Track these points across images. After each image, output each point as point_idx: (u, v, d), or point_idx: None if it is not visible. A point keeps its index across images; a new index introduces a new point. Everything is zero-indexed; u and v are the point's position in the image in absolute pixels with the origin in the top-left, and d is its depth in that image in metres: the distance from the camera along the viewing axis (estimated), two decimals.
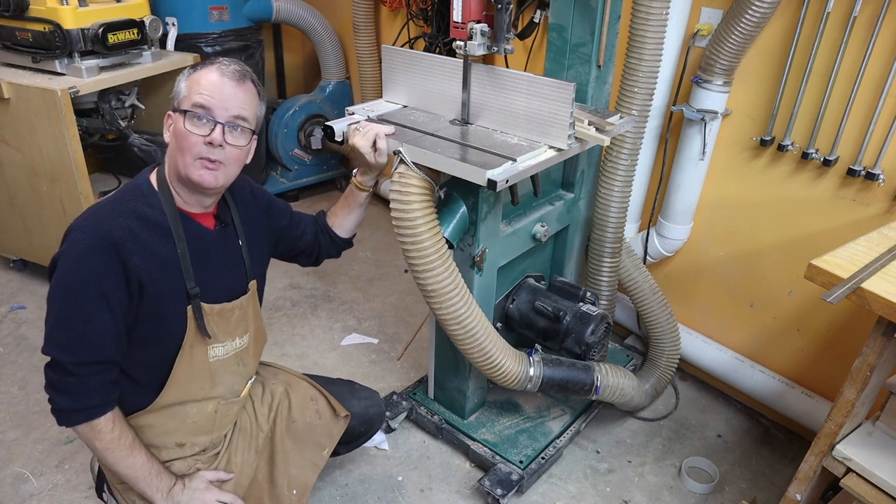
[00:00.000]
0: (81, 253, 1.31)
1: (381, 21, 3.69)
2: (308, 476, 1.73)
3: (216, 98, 1.36)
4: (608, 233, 2.18)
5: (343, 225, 1.84)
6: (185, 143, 1.35)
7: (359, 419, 1.87)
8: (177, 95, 1.40)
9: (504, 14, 1.64)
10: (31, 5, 2.57)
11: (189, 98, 1.37)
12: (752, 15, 1.93)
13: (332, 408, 1.82)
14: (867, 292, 1.36)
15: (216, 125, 1.36)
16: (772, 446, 2.39)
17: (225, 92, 1.37)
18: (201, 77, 1.38)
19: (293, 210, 1.80)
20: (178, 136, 1.37)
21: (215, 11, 3.27)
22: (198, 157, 1.36)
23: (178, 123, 1.37)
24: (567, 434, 2.24)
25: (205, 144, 1.35)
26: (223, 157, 1.38)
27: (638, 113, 1.97)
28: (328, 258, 1.89)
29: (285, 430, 1.74)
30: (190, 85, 1.38)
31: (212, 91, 1.36)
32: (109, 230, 1.32)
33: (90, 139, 3.04)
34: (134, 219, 1.36)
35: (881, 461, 1.52)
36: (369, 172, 1.77)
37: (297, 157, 3.95)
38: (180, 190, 1.43)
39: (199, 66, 1.42)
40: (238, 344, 1.58)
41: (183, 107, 1.37)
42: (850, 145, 1.99)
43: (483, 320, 1.84)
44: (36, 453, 2.20)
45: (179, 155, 1.37)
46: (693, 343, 2.55)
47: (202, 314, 1.45)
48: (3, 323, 2.82)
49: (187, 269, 1.41)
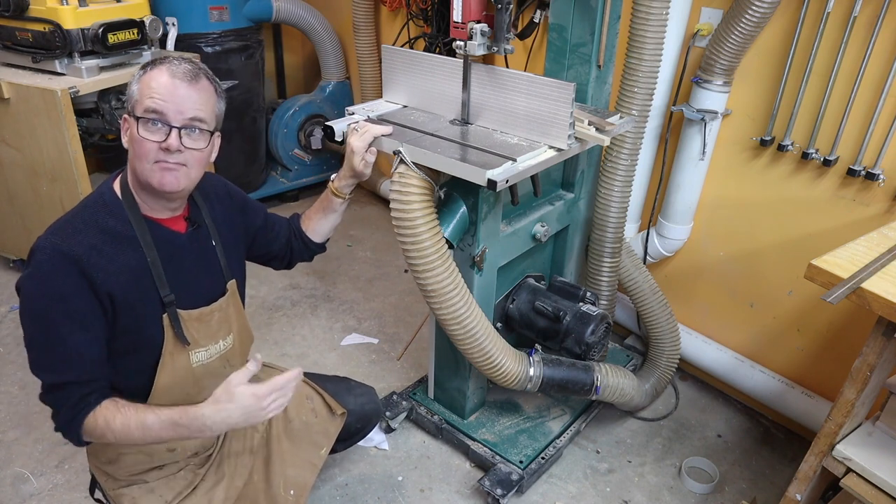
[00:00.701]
0: (46, 275, 1.27)
1: (381, 21, 3.69)
2: (306, 476, 1.72)
3: (169, 101, 1.29)
4: (608, 233, 2.18)
5: (317, 230, 1.79)
6: (140, 149, 1.30)
7: (355, 416, 1.86)
8: (129, 98, 1.33)
9: (504, 14, 1.64)
10: (31, 5, 2.57)
11: (141, 102, 1.30)
12: (752, 15, 1.93)
13: (328, 406, 1.81)
14: (867, 292, 1.36)
15: (171, 130, 1.30)
16: (772, 446, 2.39)
17: (178, 94, 1.30)
18: (151, 79, 1.30)
19: (268, 212, 1.76)
20: (134, 142, 1.31)
21: (215, 11, 3.27)
22: (155, 161, 1.31)
23: (132, 130, 1.31)
24: (567, 434, 2.24)
25: (160, 150, 1.30)
26: (182, 160, 1.33)
27: (638, 113, 1.97)
28: (300, 262, 1.85)
29: (282, 430, 1.73)
30: (141, 88, 1.31)
31: (163, 94, 1.29)
32: (71, 248, 1.28)
33: (90, 139, 3.04)
34: (97, 233, 1.32)
35: (881, 461, 1.52)
36: (349, 179, 1.72)
37: (297, 157, 3.95)
38: (144, 196, 1.38)
39: (149, 66, 1.33)
40: (222, 346, 1.55)
41: (136, 112, 1.30)
42: (850, 145, 1.99)
43: (483, 320, 1.84)
44: (36, 453, 2.20)
45: (137, 161, 1.32)
46: (693, 343, 2.55)
47: (179, 321, 1.42)
48: (3, 323, 2.82)
49: (159, 277, 1.37)
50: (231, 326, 1.58)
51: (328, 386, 1.86)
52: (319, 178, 4.08)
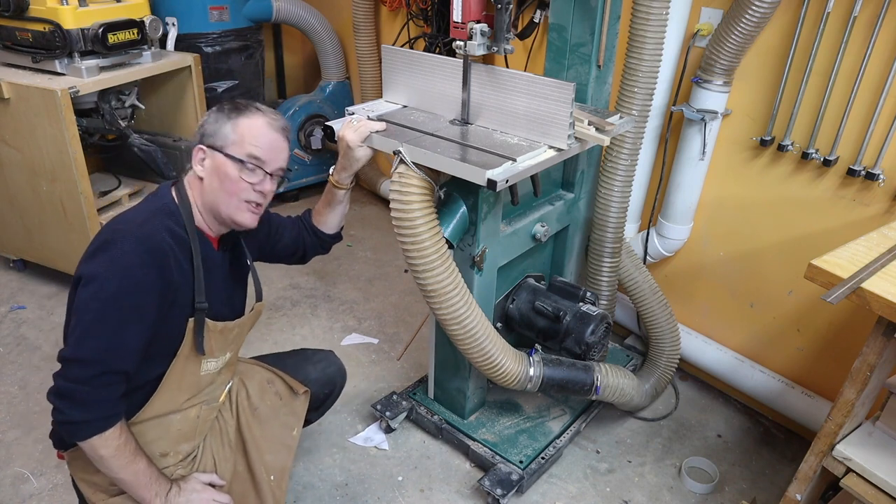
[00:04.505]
0: (129, 264, 1.33)
1: (381, 21, 3.69)
2: (283, 459, 1.73)
3: (271, 153, 1.47)
4: (608, 233, 2.18)
5: (327, 222, 1.86)
6: (233, 187, 1.44)
7: (319, 384, 1.89)
8: (217, 135, 1.45)
9: (504, 14, 1.64)
10: (31, 5, 2.57)
11: (242, 147, 1.44)
12: (752, 15, 1.93)
13: (289, 387, 1.83)
14: (867, 292, 1.36)
15: (266, 176, 1.48)
16: (772, 446, 2.39)
17: (276, 147, 1.49)
18: (254, 128, 1.46)
19: (271, 214, 1.81)
20: (226, 179, 1.44)
21: (215, 11, 3.27)
22: (245, 201, 1.46)
23: (226, 168, 1.44)
24: (567, 434, 2.24)
25: (254, 191, 1.46)
26: (264, 200, 1.50)
27: (638, 113, 1.97)
28: (316, 255, 1.91)
29: (251, 418, 1.74)
30: (242, 132, 1.45)
31: (267, 146, 1.46)
32: (159, 244, 1.37)
33: (90, 139, 3.04)
34: (170, 236, 1.41)
35: (881, 461, 1.52)
36: (346, 170, 1.77)
37: (297, 157, 3.95)
38: (207, 217, 1.50)
39: (243, 110, 1.48)
40: (227, 357, 1.62)
41: (235, 154, 1.44)
42: (850, 145, 1.99)
43: (483, 320, 1.84)
44: (36, 453, 2.20)
45: (223, 195, 1.45)
46: (693, 343, 2.55)
47: (203, 330, 1.48)
48: (3, 323, 2.83)
49: (199, 283, 1.45)
50: (240, 342, 1.65)
51: (287, 363, 1.89)
52: (319, 178, 4.08)
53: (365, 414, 2.43)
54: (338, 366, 1.98)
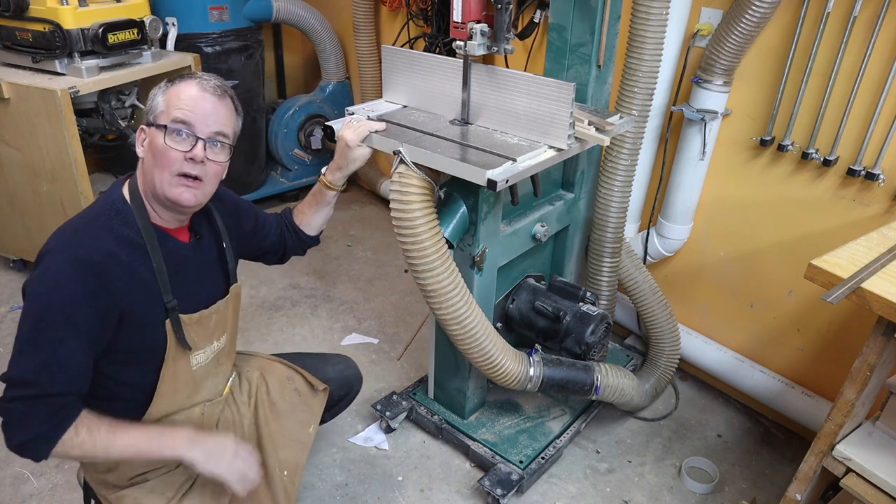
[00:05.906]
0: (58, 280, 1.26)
1: (381, 21, 3.69)
2: (298, 456, 1.72)
3: (197, 113, 1.33)
4: (608, 233, 2.18)
5: (310, 223, 1.81)
6: (163, 159, 1.32)
7: (336, 383, 1.88)
8: (153, 110, 1.36)
9: (504, 14, 1.64)
10: (31, 5, 2.57)
11: (168, 113, 1.33)
12: (752, 15, 1.93)
13: (309, 384, 1.82)
14: (867, 292, 1.36)
15: (197, 140, 1.33)
16: (772, 446, 2.39)
17: (206, 107, 1.35)
18: (181, 91, 1.35)
19: (258, 210, 1.78)
20: (157, 151, 1.33)
21: (215, 11, 3.27)
22: (177, 174, 1.33)
23: (156, 139, 1.33)
24: (567, 434, 2.24)
25: (185, 160, 1.33)
26: (202, 172, 1.36)
27: (638, 113, 1.97)
28: (294, 255, 1.86)
29: (269, 413, 1.73)
30: (168, 99, 1.35)
31: (192, 106, 1.33)
32: (90, 255, 1.28)
33: (90, 139, 3.04)
34: (113, 241, 1.32)
35: (881, 461, 1.52)
36: (342, 170, 1.75)
37: (297, 157, 3.95)
38: (155, 206, 1.40)
39: (176, 79, 1.38)
40: (216, 346, 1.57)
41: (161, 121, 1.33)
42: (850, 145, 1.99)
43: (483, 320, 1.84)
44: None
45: (157, 171, 1.33)
46: (693, 343, 2.55)
47: (181, 327, 1.43)
48: (3, 323, 2.82)
49: (164, 284, 1.38)
50: (226, 327, 1.60)
51: (306, 362, 1.87)
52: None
53: (365, 414, 2.43)
54: (355, 370, 1.98)
